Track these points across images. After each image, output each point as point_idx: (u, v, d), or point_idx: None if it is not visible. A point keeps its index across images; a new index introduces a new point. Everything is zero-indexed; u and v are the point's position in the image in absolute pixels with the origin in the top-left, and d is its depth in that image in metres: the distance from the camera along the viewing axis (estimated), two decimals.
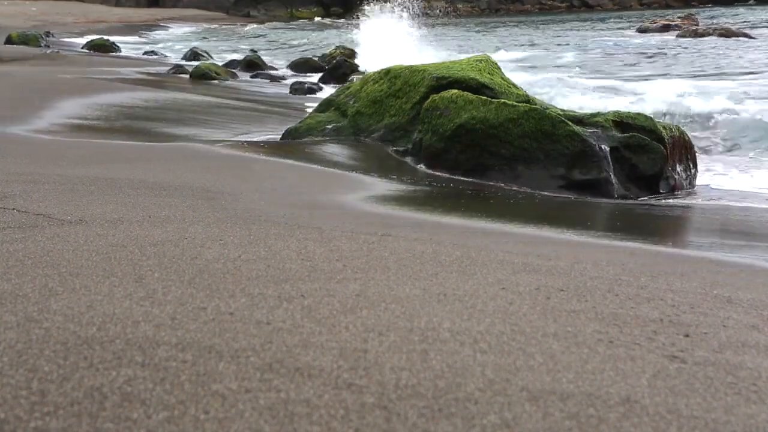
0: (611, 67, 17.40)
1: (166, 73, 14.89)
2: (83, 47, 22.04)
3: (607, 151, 5.85)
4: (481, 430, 1.57)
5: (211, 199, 3.88)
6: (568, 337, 2.10)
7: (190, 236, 3.00)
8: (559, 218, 4.74)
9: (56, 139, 6.11)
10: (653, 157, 5.93)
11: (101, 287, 2.28)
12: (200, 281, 2.39)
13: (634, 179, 5.91)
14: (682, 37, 24.89)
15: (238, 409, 1.58)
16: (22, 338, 1.85)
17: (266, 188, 4.42)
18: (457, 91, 6.37)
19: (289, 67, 18.21)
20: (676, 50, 20.81)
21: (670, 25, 28.99)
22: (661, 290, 2.67)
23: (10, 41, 21.01)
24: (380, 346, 1.94)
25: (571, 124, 5.90)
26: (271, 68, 17.64)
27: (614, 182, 5.78)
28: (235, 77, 15.27)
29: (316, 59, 18.70)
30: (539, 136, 5.87)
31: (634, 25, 33.57)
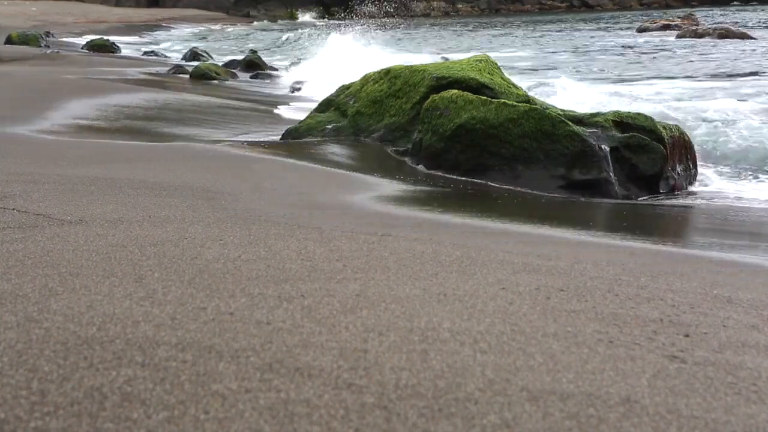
0: (608, 67, 17.38)
1: (166, 73, 14.89)
2: (83, 47, 22.05)
3: (607, 151, 5.85)
4: (481, 430, 1.57)
5: (211, 199, 3.88)
6: (568, 337, 2.10)
7: (190, 236, 3.00)
8: (559, 218, 4.74)
9: (56, 139, 6.11)
10: (653, 157, 5.92)
11: (101, 287, 2.28)
12: (200, 281, 2.39)
13: (634, 179, 5.90)
14: (681, 37, 24.89)
15: (238, 409, 1.58)
16: (22, 338, 1.85)
17: (266, 188, 4.42)
18: (457, 91, 6.37)
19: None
20: (672, 50, 20.81)
21: (670, 25, 29.00)
22: (661, 290, 2.67)
23: (10, 41, 21.02)
24: (380, 346, 1.94)
25: (571, 124, 5.90)
26: (271, 68, 17.62)
27: (614, 182, 5.78)
28: (234, 77, 15.27)
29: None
30: (539, 136, 5.86)
31: (633, 25, 33.59)
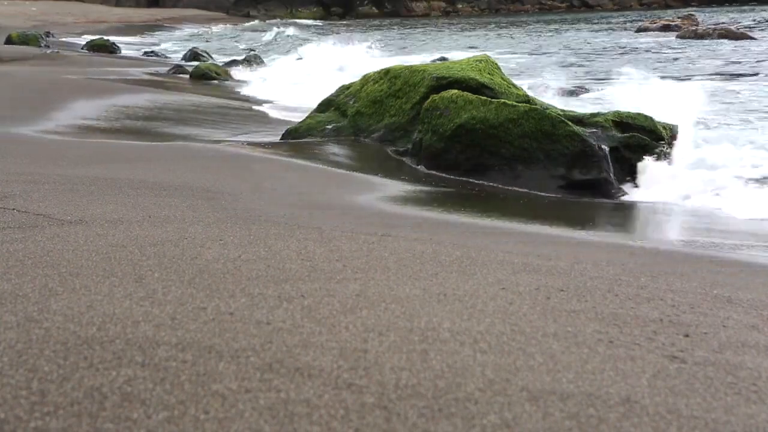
0: (608, 67, 17.37)
1: (166, 73, 14.88)
2: (83, 47, 22.03)
3: (606, 151, 5.86)
4: (481, 430, 1.57)
5: (211, 199, 3.88)
6: (568, 337, 2.10)
7: (190, 236, 3.00)
8: (559, 218, 4.74)
9: (56, 138, 6.11)
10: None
11: (101, 287, 2.28)
12: (200, 281, 2.39)
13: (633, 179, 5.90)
14: (681, 37, 24.88)
15: (238, 409, 1.58)
16: (22, 338, 1.85)
17: (266, 188, 4.42)
18: (457, 91, 6.36)
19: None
20: (673, 50, 20.81)
21: (669, 25, 28.99)
22: (661, 290, 2.67)
23: (10, 41, 21.00)
24: (380, 346, 1.94)
25: (571, 124, 5.90)
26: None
27: (614, 182, 5.78)
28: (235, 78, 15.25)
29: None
30: (539, 136, 5.86)
31: (634, 25, 33.59)
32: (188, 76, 14.45)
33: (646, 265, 3.12)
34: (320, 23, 45.54)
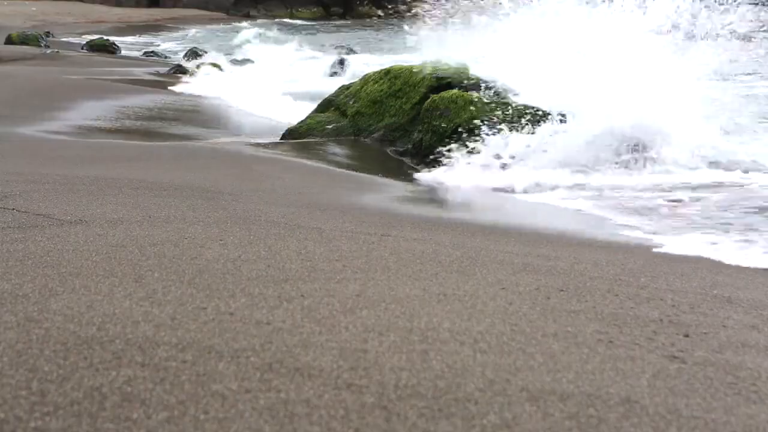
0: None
1: (166, 72, 14.88)
2: (83, 47, 22.01)
3: None
4: (481, 430, 1.57)
5: (211, 199, 3.88)
6: (568, 337, 2.10)
7: (190, 236, 3.00)
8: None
9: (56, 138, 6.11)
10: None
11: (101, 287, 2.28)
12: (200, 281, 2.39)
13: None
14: None
15: (238, 409, 1.58)
16: (22, 338, 1.85)
17: (266, 188, 4.42)
18: (457, 91, 6.37)
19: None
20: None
21: None
22: (661, 290, 2.68)
23: (10, 41, 20.97)
24: (380, 346, 1.94)
25: None
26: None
27: None
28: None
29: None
30: None
31: None
32: (188, 75, 14.43)
33: (646, 265, 3.12)
34: (314, 23, 45.40)
